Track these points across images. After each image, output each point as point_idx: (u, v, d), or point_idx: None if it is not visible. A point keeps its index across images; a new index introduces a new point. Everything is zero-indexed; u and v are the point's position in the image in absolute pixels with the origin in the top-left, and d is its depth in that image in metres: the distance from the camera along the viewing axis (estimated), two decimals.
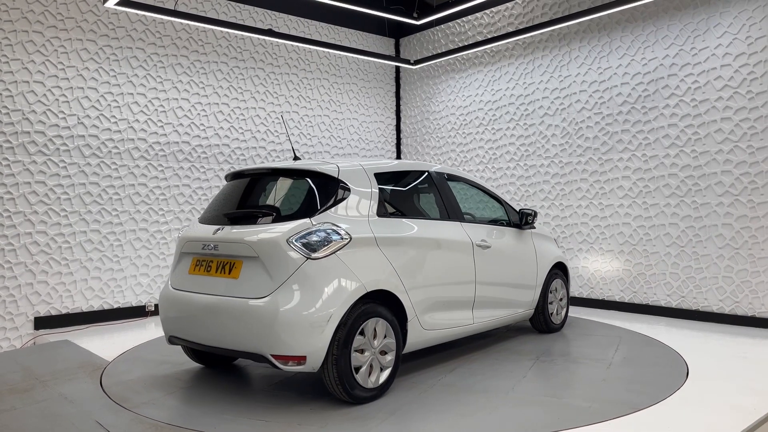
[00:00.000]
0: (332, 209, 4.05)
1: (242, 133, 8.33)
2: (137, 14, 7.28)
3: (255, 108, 8.48)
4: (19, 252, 6.46)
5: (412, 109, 10.19)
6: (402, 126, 10.40)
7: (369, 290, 3.95)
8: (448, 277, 4.71)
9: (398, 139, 10.43)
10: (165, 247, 7.53)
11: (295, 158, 4.92)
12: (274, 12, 8.71)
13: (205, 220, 4.45)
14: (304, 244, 3.80)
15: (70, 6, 6.85)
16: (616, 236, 7.36)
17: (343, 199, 4.12)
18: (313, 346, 3.68)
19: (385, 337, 4.06)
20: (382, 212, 4.32)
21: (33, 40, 6.60)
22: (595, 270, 7.58)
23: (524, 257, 5.72)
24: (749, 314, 6.27)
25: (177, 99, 7.69)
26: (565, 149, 7.90)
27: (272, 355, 3.69)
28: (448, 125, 9.53)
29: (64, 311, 6.73)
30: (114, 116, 7.15)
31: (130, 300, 7.24)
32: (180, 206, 7.68)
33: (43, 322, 6.57)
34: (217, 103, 8.09)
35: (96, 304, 6.97)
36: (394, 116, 10.40)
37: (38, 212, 6.59)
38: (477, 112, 9.06)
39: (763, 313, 6.18)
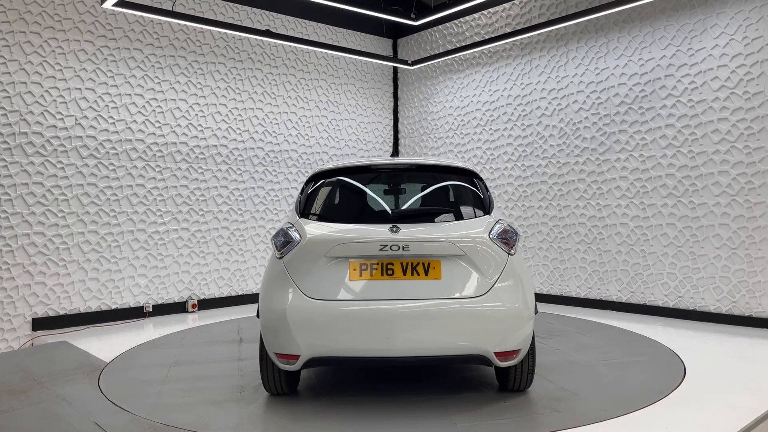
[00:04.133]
0: (494, 206, 4.18)
1: (240, 133, 8.33)
2: (135, 15, 7.28)
3: (253, 109, 8.48)
4: (16, 253, 6.45)
5: (410, 110, 10.20)
6: (400, 126, 10.40)
7: None
8: None
9: (396, 139, 10.43)
10: (163, 248, 7.52)
11: (393, 154, 4.80)
12: (271, 13, 8.71)
13: (347, 219, 4.00)
14: (503, 241, 3.86)
15: (67, 7, 6.85)
16: (614, 236, 7.38)
17: (491, 197, 4.25)
18: (525, 338, 3.78)
19: None
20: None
21: (30, 40, 6.59)
22: (593, 270, 7.59)
23: None
24: (746, 314, 6.28)
25: (175, 100, 7.69)
26: (563, 150, 7.91)
27: (496, 353, 3.67)
28: (446, 126, 9.54)
29: (61, 312, 6.73)
30: (112, 117, 7.14)
31: (128, 301, 7.23)
32: (178, 207, 7.68)
33: (40, 324, 6.56)
34: (215, 104, 8.09)
35: (94, 305, 6.96)
36: (391, 117, 10.41)
37: (36, 213, 6.58)
38: (475, 113, 9.07)
39: (760, 312, 6.19)
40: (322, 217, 4.03)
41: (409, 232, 3.75)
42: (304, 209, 4.12)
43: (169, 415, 3.80)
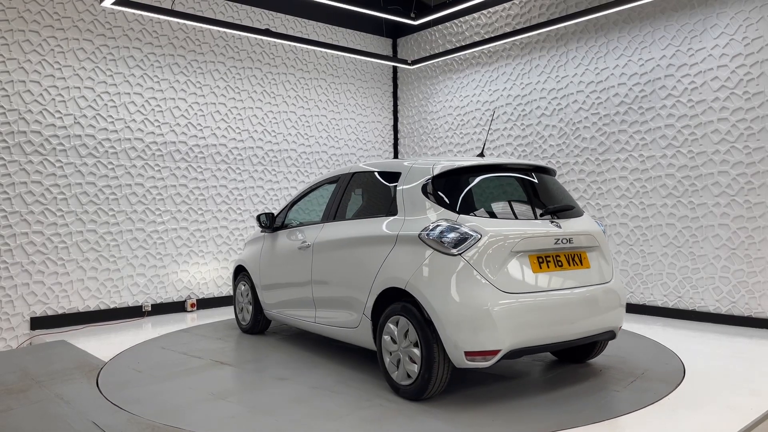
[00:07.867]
0: None
1: (239, 133, 8.32)
2: (134, 14, 7.27)
3: (252, 108, 8.47)
4: (15, 252, 6.44)
5: (410, 110, 10.19)
6: (399, 126, 10.40)
7: None
8: None
9: (395, 139, 10.43)
10: (162, 248, 7.51)
11: (480, 154, 4.86)
12: (271, 12, 8.70)
13: (503, 214, 4.17)
14: (605, 233, 4.56)
15: (66, 5, 6.83)
16: (614, 236, 7.37)
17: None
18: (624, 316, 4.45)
19: None
20: None
21: (29, 39, 6.58)
22: None
23: None
24: (746, 314, 6.28)
25: (174, 99, 7.68)
26: (563, 149, 7.90)
27: (619, 327, 4.35)
28: (446, 125, 9.53)
29: (60, 311, 6.72)
30: (111, 116, 7.13)
31: (127, 300, 7.22)
32: (177, 206, 7.66)
33: (39, 323, 6.55)
34: (214, 103, 8.08)
35: (92, 305, 6.95)
36: (391, 116, 10.40)
37: (34, 212, 6.57)
38: (474, 113, 9.07)
39: (759, 313, 6.19)
40: (486, 213, 4.11)
41: (568, 226, 4.19)
42: (452, 205, 4.05)
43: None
